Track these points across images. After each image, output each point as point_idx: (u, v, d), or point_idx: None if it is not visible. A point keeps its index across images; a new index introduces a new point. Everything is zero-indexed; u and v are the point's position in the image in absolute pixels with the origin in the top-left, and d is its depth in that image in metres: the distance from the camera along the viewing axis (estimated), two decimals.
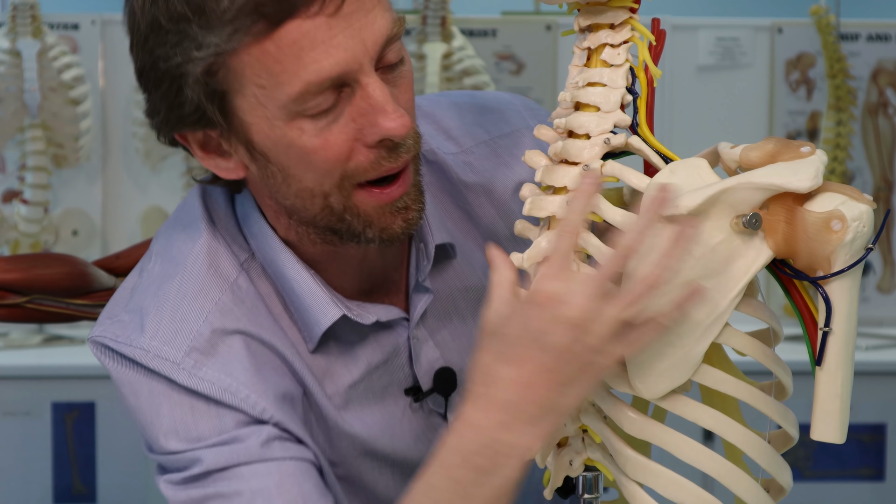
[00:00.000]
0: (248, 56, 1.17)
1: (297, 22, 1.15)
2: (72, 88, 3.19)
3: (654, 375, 1.10)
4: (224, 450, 1.26)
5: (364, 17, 1.18)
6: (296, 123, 1.19)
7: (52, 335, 3.18)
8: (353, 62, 1.17)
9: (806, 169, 1.06)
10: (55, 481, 2.98)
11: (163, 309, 1.29)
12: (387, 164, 1.21)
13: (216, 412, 1.27)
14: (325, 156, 1.20)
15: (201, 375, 1.27)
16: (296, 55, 1.16)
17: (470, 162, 1.40)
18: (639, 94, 1.13)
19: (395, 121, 1.18)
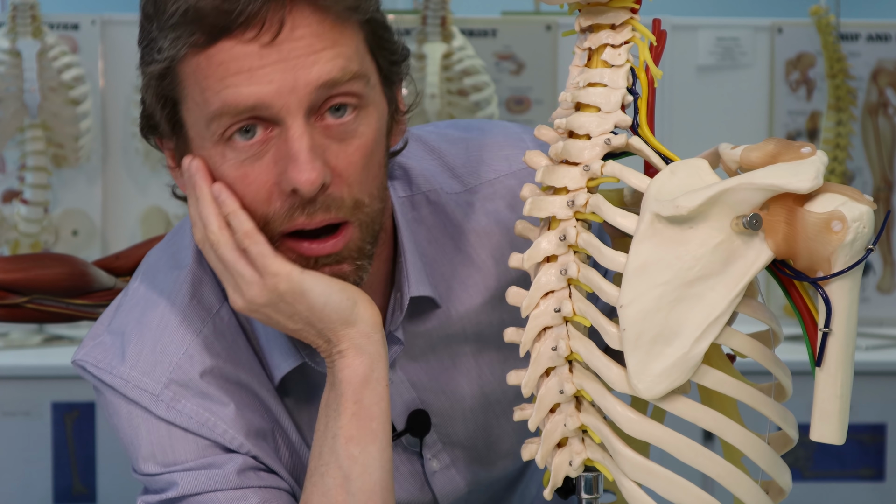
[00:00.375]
0: (188, 67, 1.17)
1: (230, 43, 1.15)
2: (72, 88, 3.19)
3: (654, 376, 1.10)
4: (200, 475, 1.26)
5: (304, 58, 1.15)
6: (219, 148, 1.18)
7: (52, 335, 3.18)
8: (276, 98, 1.15)
9: (806, 170, 1.06)
10: (55, 481, 2.98)
11: (144, 338, 1.29)
12: (300, 218, 1.19)
13: (193, 439, 1.28)
14: (244, 191, 1.19)
15: (179, 408, 1.27)
16: (221, 75, 1.16)
17: (472, 202, 1.37)
18: (639, 95, 1.13)
19: (303, 174, 1.15)
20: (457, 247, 1.37)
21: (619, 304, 1.09)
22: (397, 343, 1.33)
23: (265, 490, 1.28)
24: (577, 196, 1.12)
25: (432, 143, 1.41)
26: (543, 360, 1.14)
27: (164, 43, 1.17)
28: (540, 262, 1.14)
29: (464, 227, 1.36)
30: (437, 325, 1.36)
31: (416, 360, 1.36)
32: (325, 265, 1.21)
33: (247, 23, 1.14)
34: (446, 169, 1.39)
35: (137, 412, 1.28)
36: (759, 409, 1.14)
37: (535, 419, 1.16)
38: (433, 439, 1.39)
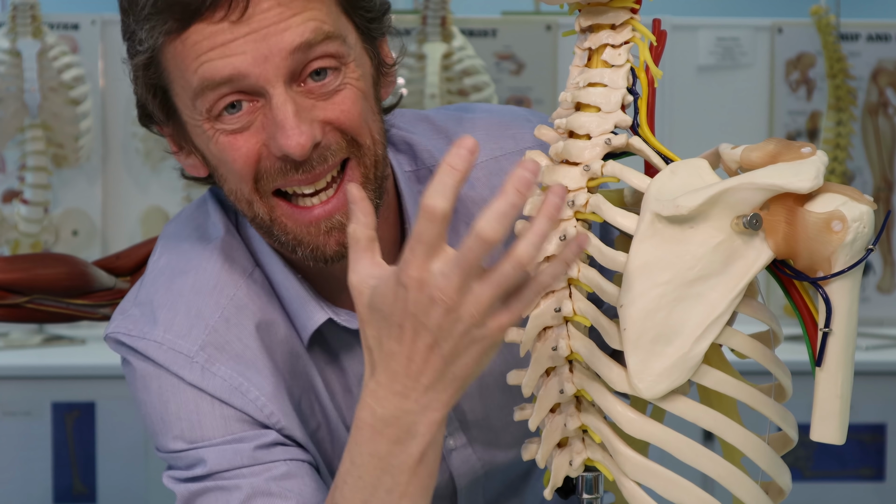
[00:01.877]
0: (168, 54, 1.22)
1: (202, 25, 1.19)
2: (72, 88, 3.19)
3: (654, 376, 1.10)
4: (227, 450, 1.27)
5: (275, 26, 1.19)
6: (209, 124, 1.22)
7: (52, 335, 3.18)
8: (252, 67, 1.18)
9: (807, 169, 1.06)
10: (55, 481, 2.98)
11: (177, 304, 1.30)
12: (293, 176, 1.22)
13: (221, 413, 1.28)
14: (234, 155, 1.22)
15: (214, 371, 1.27)
16: (196, 55, 1.20)
17: (478, 177, 1.39)
18: (639, 95, 1.13)
19: (290, 139, 1.19)
20: (463, 221, 1.38)
21: (620, 303, 1.10)
22: None
23: (290, 463, 1.28)
24: (578, 196, 1.12)
25: (439, 122, 1.44)
26: (544, 360, 1.14)
27: (142, 34, 1.21)
28: (540, 262, 1.14)
29: (468, 201, 1.38)
30: None
31: None
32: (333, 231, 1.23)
33: (214, 4, 1.18)
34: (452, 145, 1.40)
35: (168, 382, 1.28)
36: (759, 409, 1.14)
37: (536, 419, 1.16)
38: (449, 417, 1.39)
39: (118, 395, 2.96)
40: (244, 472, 1.26)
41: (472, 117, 1.45)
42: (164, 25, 1.20)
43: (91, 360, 3.03)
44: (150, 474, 2.98)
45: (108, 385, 2.97)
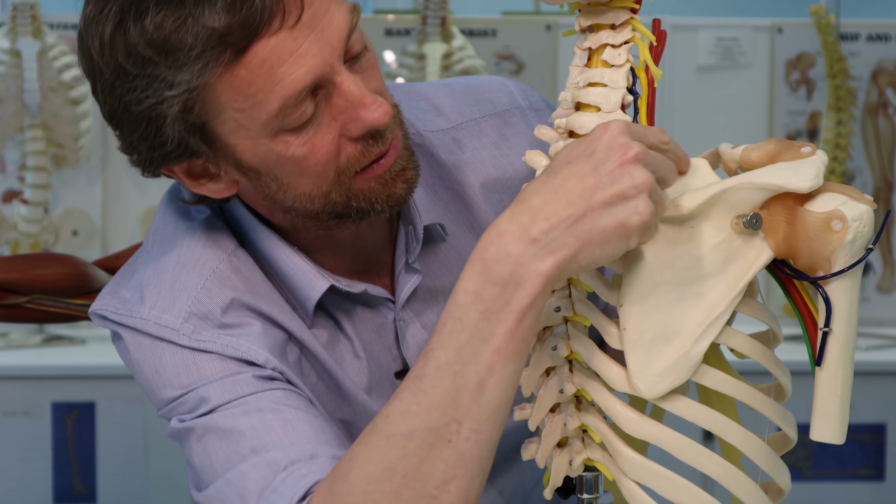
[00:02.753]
0: (221, 84, 1.17)
1: (263, 42, 1.15)
2: (72, 88, 3.19)
3: (654, 375, 1.10)
4: (228, 382, 1.26)
5: (323, 18, 1.18)
6: (280, 138, 1.19)
7: (52, 335, 3.18)
8: (323, 65, 1.18)
9: (807, 169, 1.06)
10: (55, 481, 2.98)
11: (161, 279, 1.30)
12: (375, 149, 1.23)
13: (219, 358, 1.27)
14: (316, 160, 1.21)
15: (201, 338, 1.27)
16: (268, 73, 1.16)
17: (459, 139, 1.41)
18: (639, 95, 1.14)
19: (375, 111, 1.20)
20: (445, 185, 1.40)
21: (620, 303, 1.09)
22: (414, 273, 1.35)
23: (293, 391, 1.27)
24: None
25: (419, 87, 1.46)
26: (543, 359, 1.14)
27: (182, 76, 1.15)
28: None
29: (450, 164, 1.40)
30: (441, 259, 1.38)
31: (425, 300, 1.38)
32: (398, 176, 1.25)
33: (271, 15, 1.14)
34: (433, 107, 1.43)
35: (161, 344, 1.28)
36: (759, 409, 1.14)
37: (535, 419, 1.16)
38: None
39: (118, 395, 2.96)
40: (248, 399, 1.25)
41: (452, 82, 1.48)
42: (220, 58, 1.14)
43: (91, 360, 3.03)
44: (150, 474, 2.98)
45: (108, 385, 2.97)
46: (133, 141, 1.22)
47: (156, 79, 1.16)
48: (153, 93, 1.17)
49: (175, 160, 1.23)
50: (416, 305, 1.37)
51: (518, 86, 1.47)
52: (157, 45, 1.14)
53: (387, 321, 1.36)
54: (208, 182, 1.26)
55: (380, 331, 1.36)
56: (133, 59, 1.15)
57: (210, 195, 1.27)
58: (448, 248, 1.39)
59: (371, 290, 1.33)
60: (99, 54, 1.18)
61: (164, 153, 1.22)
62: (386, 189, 1.25)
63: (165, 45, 1.14)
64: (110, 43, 1.16)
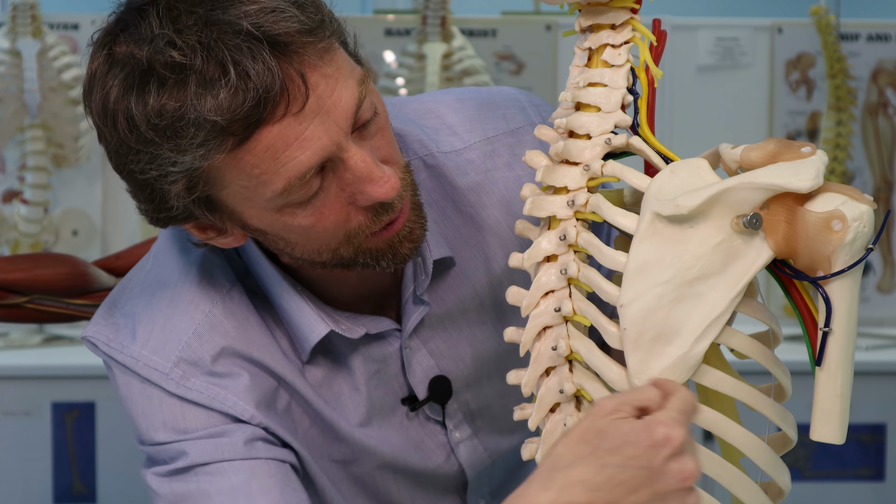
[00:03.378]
0: (225, 166, 1.16)
1: (266, 129, 1.13)
2: (72, 88, 3.19)
3: (654, 375, 1.09)
4: (209, 443, 1.27)
5: (329, 99, 1.15)
6: (286, 210, 1.19)
7: (52, 335, 3.18)
8: (330, 146, 1.16)
9: (807, 169, 1.06)
10: (55, 481, 2.98)
11: (154, 318, 1.30)
12: (385, 217, 1.22)
13: (204, 412, 1.29)
14: (324, 226, 1.20)
15: (189, 386, 1.28)
16: (272, 157, 1.14)
17: (472, 159, 1.39)
18: (639, 95, 1.13)
19: (382, 186, 1.18)
20: (457, 208, 1.38)
21: (620, 303, 1.09)
22: (423, 304, 1.34)
23: (271, 463, 1.28)
24: (578, 196, 1.12)
25: (431, 104, 1.43)
26: (543, 359, 1.14)
27: (184, 158, 1.14)
28: (540, 262, 1.14)
29: (462, 186, 1.38)
30: (449, 287, 1.38)
31: (433, 327, 1.38)
32: (405, 238, 1.24)
33: (275, 105, 1.12)
34: (445, 126, 1.41)
35: (150, 387, 1.29)
36: (759, 409, 1.13)
37: (535, 419, 1.16)
38: (454, 408, 1.40)
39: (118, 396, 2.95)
40: (225, 466, 1.26)
41: (464, 97, 1.45)
42: (222, 145, 1.13)
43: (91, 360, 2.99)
44: None
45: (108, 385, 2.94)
46: (140, 198, 1.21)
47: (158, 157, 1.15)
48: (156, 167, 1.16)
49: (181, 222, 1.23)
50: (424, 333, 1.37)
51: (530, 100, 1.45)
52: (158, 129, 1.13)
53: (393, 349, 1.36)
54: (217, 236, 1.25)
55: (386, 360, 1.36)
56: (135, 135, 1.14)
57: (220, 245, 1.26)
58: (457, 272, 1.38)
59: (373, 328, 1.33)
60: (101, 118, 1.16)
61: (170, 216, 1.21)
62: (392, 249, 1.25)
63: (167, 130, 1.12)
64: (113, 115, 1.15)
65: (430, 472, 1.42)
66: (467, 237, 1.38)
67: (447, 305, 1.38)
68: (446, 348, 1.38)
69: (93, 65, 1.17)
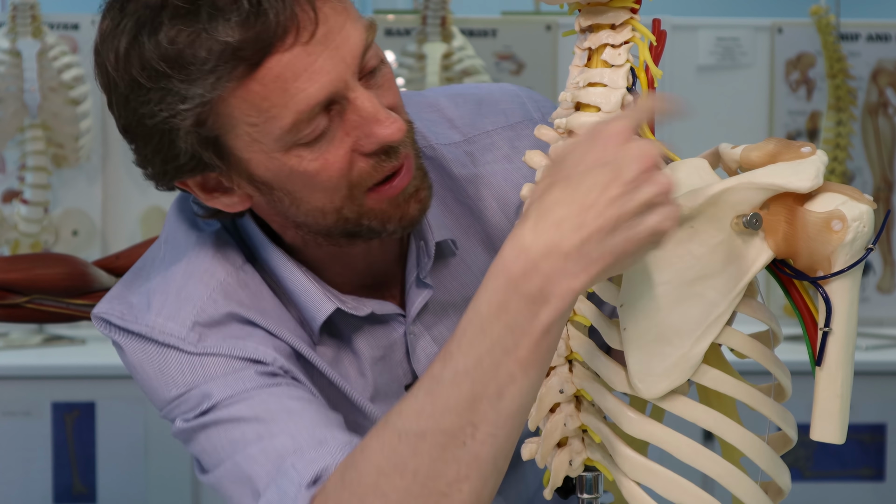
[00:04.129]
0: (234, 98, 1.17)
1: (276, 57, 1.15)
2: (72, 88, 3.19)
3: (654, 375, 1.10)
4: (231, 379, 1.25)
5: (338, 35, 1.18)
6: (293, 152, 1.19)
7: (52, 335, 3.18)
8: (338, 82, 1.17)
9: (807, 169, 1.06)
10: (55, 481, 2.98)
11: (169, 288, 1.30)
12: (388, 164, 1.22)
13: (225, 359, 1.27)
14: (329, 174, 1.21)
15: (206, 346, 1.28)
16: (281, 88, 1.16)
17: (472, 152, 1.40)
18: (639, 95, 1.13)
19: (389, 127, 1.20)
20: (456, 199, 1.39)
21: (620, 303, 1.09)
22: (425, 288, 1.35)
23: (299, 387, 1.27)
24: None
25: (431, 98, 1.45)
26: None
27: (196, 90, 1.15)
28: None
29: (462, 177, 1.39)
30: (452, 273, 1.38)
31: (436, 313, 1.38)
32: (411, 198, 1.25)
33: (285, 31, 1.14)
34: (445, 120, 1.42)
35: (167, 348, 1.28)
36: (759, 409, 1.14)
37: (535, 419, 1.16)
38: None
39: (118, 395, 2.96)
40: (252, 392, 1.24)
41: (465, 92, 1.46)
42: (233, 72, 1.14)
43: (91, 360, 3.03)
44: (150, 474, 2.98)
45: (108, 385, 2.96)
46: (147, 154, 1.22)
47: (169, 92, 1.16)
48: (166, 106, 1.17)
49: (188, 173, 1.23)
50: (427, 319, 1.37)
51: (531, 96, 1.46)
52: (170, 59, 1.14)
53: (397, 335, 1.36)
54: (222, 196, 1.26)
55: (391, 346, 1.36)
56: (147, 72, 1.16)
57: (223, 209, 1.27)
58: (459, 261, 1.38)
59: (379, 309, 1.33)
60: (114, 68, 1.18)
61: (178, 166, 1.22)
62: (399, 210, 1.25)
63: (179, 59, 1.14)
64: (125, 57, 1.17)
65: None
66: (467, 226, 1.39)
67: (450, 292, 1.38)
68: (448, 335, 1.38)
69: (102, 24, 1.20)
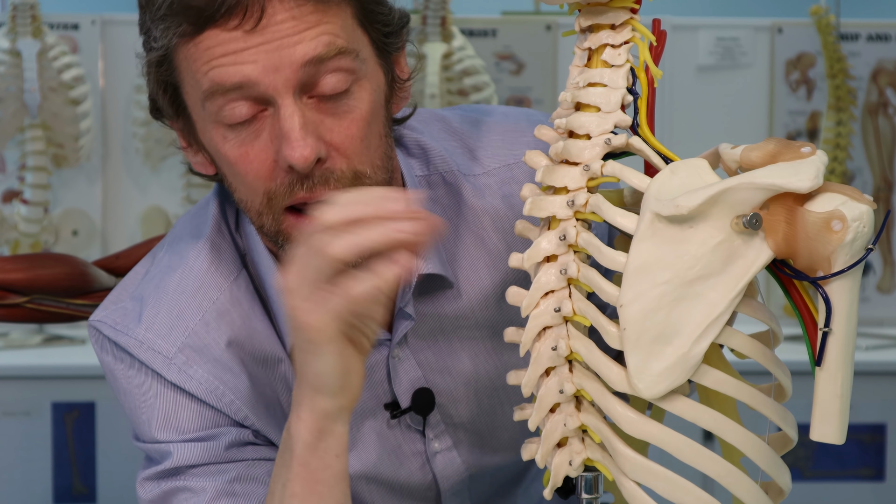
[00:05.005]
0: (181, 53, 1.22)
1: (216, 31, 1.19)
2: (72, 88, 3.19)
3: (654, 376, 1.10)
4: (197, 447, 1.29)
5: (288, 38, 1.19)
6: (219, 130, 1.22)
7: (52, 335, 3.18)
8: (262, 76, 1.18)
9: (806, 169, 1.06)
10: (55, 481, 2.98)
11: (161, 302, 1.31)
12: (299, 192, 1.22)
13: (198, 409, 1.30)
14: (246, 169, 1.22)
15: (191, 373, 1.29)
16: (207, 59, 1.20)
17: (490, 185, 1.39)
18: (639, 95, 1.13)
19: (294, 150, 1.19)
20: (470, 229, 1.38)
21: (620, 303, 1.09)
22: (407, 318, 1.34)
23: (258, 464, 1.30)
24: (577, 196, 1.12)
25: (455, 123, 1.43)
26: (543, 359, 1.14)
27: (156, 32, 1.22)
28: (540, 262, 1.14)
29: (479, 209, 1.38)
30: (448, 306, 1.37)
31: (424, 339, 1.38)
32: None
33: (229, 12, 1.18)
34: (467, 150, 1.41)
35: (148, 376, 1.30)
36: (759, 409, 1.14)
37: (535, 419, 1.16)
38: (436, 419, 1.40)
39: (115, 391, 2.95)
40: (210, 469, 1.28)
41: (488, 120, 1.44)
42: (179, 28, 1.20)
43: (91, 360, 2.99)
44: None
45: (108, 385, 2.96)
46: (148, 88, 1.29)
47: (146, 26, 1.24)
48: (144, 40, 1.25)
49: (156, 114, 1.30)
50: (415, 344, 1.37)
51: None
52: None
53: (381, 357, 1.36)
54: (192, 152, 1.30)
55: (372, 367, 1.36)
56: (139, 1, 1.25)
57: (194, 165, 1.31)
58: (456, 289, 1.37)
59: None
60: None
61: (151, 100, 1.29)
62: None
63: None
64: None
65: (403, 480, 1.41)
66: (475, 258, 1.38)
67: (441, 320, 1.37)
68: (435, 361, 1.38)
69: None
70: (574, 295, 1.13)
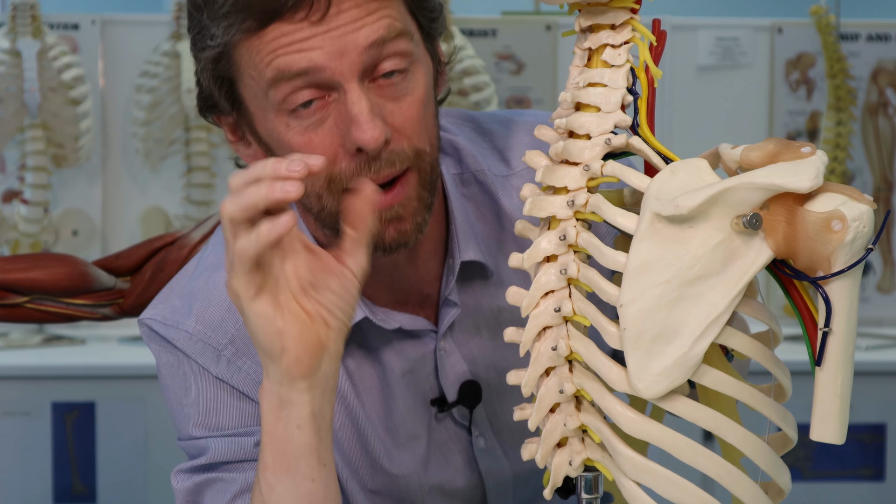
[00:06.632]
0: (243, 48, 1.23)
1: (282, 24, 1.20)
2: (72, 88, 3.19)
3: (654, 375, 1.10)
4: (233, 442, 1.30)
5: (352, 24, 1.21)
6: (282, 118, 1.23)
7: (52, 335, 3.18)
8: (328, 60, 1.20)
9: (806, 169, 1.06)
10: (55, 481, 2.98)
11: (211, 296, 1.34)
12: (366, 173, 1.24)
13: (239, 406, 1.32)
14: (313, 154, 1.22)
15: (240, 365, 1.32)
16: (274, 49, 1.21)
17: (518, 186, 1.39)
18: (639, 95, 1.13)
19: (365, 133, 1.21)
20: (502, 226, 1.40)
21: (620, 303, 1.10)
22: (453, 307, 1.36)
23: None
24: (577, 196, 1.12)
25: (485, 124, 1.46)
26: (543, 359, 1.14)
27: (216, 30, 1.23)
28: (540, 262, 1.14)
29: (508, 209, 1.40)
30: (486, 294, 1.39)
31: (468, 331, 1.39)
32: (390, 223, 1.26)
33: (295, 6, 1.19)
34: (495, 151, 1.44)
35: (193, 371, 1.33)
36: (759, 409, 1.14)
37: (535, 419, 1.16)
38: (481, 416, 1.41)
39: (118, 395, 2.96)
40: (245, 465, 1.30)
41: (518, 121, 1.47)
42: (243, 24, 1.21)
43: (91, 360, 3.03)
44: (150, 474, 2.98)
45: (108, 385, 2.97)
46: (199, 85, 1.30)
47: (202, 26, 1.25)
48: (200, 39, 1.26)
49: (209, 109, 1.30)
50: (459, 337, 1.39)
51: None
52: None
53: (428, 350, 1.38)
54: (242, 145, 1.31)
55: (420, 359, 1.38)
56: (193, 4, 1.26)
57: (243, 158, 1.32)
58: (496, 280, 1.39)
59: (409, 324, 1.35)
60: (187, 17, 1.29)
61: (203, 97, 1.30)
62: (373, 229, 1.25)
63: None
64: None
65: (450, 477, 1.43)
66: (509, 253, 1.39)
67: (483, 312, 1.39)
68: (480, 354, 1.40)
69: None
70: (574, 295, 1.13)
